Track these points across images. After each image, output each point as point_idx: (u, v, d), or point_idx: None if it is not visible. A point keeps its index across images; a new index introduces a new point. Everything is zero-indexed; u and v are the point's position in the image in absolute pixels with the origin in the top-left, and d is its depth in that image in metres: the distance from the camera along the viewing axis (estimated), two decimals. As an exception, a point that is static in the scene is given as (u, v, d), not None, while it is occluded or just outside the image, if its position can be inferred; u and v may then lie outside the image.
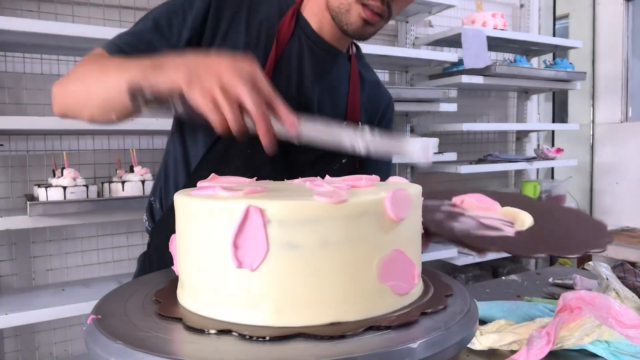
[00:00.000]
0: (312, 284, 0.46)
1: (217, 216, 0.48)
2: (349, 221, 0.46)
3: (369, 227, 0.48)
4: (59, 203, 1.62)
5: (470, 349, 0.79)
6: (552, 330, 0.72)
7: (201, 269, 0.50)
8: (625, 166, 3.26)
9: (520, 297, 1.08)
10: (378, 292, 0.49)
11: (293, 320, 0.46)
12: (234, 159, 0.87)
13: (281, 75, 0.91)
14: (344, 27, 0.88)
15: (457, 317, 0.48)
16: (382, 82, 1.11)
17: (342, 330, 0.45)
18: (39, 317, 1.67)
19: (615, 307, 0.70)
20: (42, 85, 1.96)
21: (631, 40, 3.31)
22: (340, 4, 0.86)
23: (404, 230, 0.51)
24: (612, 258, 2.58)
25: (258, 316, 0.46)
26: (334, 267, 0.46)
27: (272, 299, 0.46)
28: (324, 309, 0.47)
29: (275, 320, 0.46)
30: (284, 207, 0.46)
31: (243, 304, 0.47)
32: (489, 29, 2.61)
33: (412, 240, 0.53)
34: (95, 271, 2.10)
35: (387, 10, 0.85)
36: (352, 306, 0.47)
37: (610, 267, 0.93)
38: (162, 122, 1.84)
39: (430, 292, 0.56)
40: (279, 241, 0.45)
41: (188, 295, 0.52)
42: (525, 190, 2.99)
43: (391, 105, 1.10)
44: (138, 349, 0.42)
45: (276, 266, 0.46)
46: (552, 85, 2.95)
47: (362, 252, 0.47)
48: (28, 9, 1.92)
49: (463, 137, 3.08)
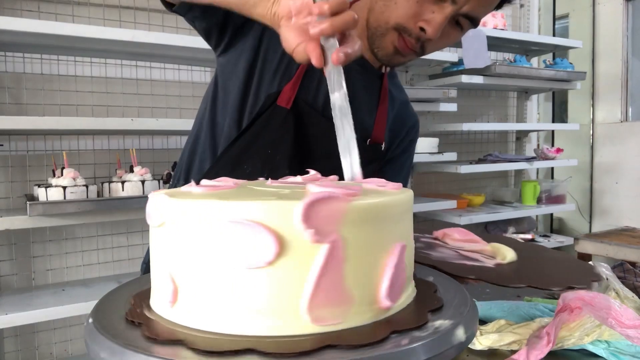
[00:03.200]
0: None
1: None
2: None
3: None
4: (58, 203, 1.63)
5: (470, 349, 0.79)
6: (552, 330, 0.72)
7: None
8: (625, 166, 3.26)
9: (520, 297, 1.08)
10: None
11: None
12: (253, 157, 0.86)
13: (311, 84, 0.90)
14: (375, 50, 0.87)
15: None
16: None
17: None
18: (39, 317, 1.67)
19: (615, 307, 0.70)
20: (42, 85, 1.97)
21: (631, 40, 3.31)
22: (378, 26, 0.85)
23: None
24: (612, 258, 2.58)
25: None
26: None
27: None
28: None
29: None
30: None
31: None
32: (489, 29, 2.61)
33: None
34: (95, 271, 2.10)
35: (420, 48, 0.84)
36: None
37: (610, 267, 0.93)
38: (162, 123, 1.84)
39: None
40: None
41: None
42: (525, 190, 2.99)
43: (416, 127, 1.10)
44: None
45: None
46: (552, 85, 2.95)
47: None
48: (28, 9, 1.92)
49: (463, 137, 3.08)
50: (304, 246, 0.43)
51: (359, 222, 0.45)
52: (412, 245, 0.54)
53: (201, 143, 0.96)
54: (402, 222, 0.50)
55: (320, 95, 0.91)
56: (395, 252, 0.48)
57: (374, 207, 0.47)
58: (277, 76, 0.89)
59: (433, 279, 0.61)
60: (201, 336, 0.43)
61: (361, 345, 0.41)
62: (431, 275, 0.63)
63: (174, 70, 2.20)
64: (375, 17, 0.85)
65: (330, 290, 0.44)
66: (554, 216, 3.51)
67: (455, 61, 2.58)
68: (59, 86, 1.99)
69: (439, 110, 2.48)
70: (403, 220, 0.50)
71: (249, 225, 0.43)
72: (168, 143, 2.22)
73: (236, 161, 0.86)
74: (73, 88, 2.02)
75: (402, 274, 0.49)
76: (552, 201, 3.07)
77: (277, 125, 0.87)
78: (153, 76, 2.17)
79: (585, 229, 3.45)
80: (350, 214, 0.44)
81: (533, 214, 3.09)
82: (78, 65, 2.03)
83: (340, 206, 0.44)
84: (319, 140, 0.89)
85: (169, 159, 2.18)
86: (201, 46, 1.70)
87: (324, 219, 0.43)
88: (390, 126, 1.01)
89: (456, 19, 0.82)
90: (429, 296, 0.53)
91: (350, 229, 0.44)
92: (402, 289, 0.50)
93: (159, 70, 2.18)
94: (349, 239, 0.44)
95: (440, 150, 2.53)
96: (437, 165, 2.64)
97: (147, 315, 0.49)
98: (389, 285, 0.47)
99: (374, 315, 0.46)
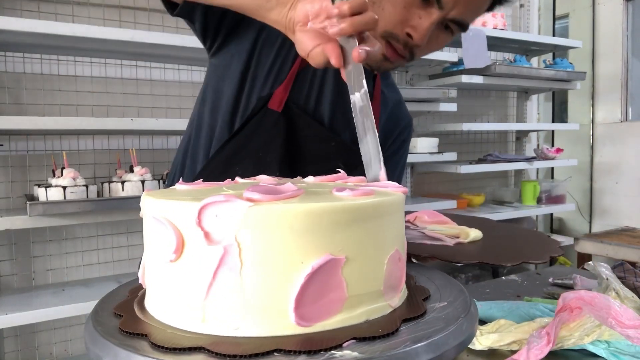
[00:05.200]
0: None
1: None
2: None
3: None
4: (58, 203, 1.63)
5: (470, 349, 0.79)
6: (552, 330, 0.72)
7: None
8: (625, 166, 3.26)
9: (520, 297, 1.08)
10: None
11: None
12: (245, 158, 0.87)
13: (302, 87, 0.90)
14: None
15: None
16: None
17: (384, 326, 0.44)
18: (39, 317, 1.67)
19: (615, 307, 0.70)
20: (42, 85, 1.97)
21: (631, 40, 3.31)
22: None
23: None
24: (612, 258, 2.58)
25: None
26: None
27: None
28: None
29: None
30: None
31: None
32: (488, 29, 2.61)
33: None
34: (95, 271, 2.10)
35: (409, 54, 0.84)
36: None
37: (610, 267, 0.93)
38: (162, 123, 1.84)
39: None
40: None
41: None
42: (525, 190, 2.99)
43: (409, 127, 1.09)
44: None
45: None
46: (552, 85, 2.95)
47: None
48: (28, 9, 1.92)
49: (463, 137, 3.08)
50: (200, 247, 0.44)
51: (263, 228, 0.42)
52: (367, 262, 0.46)
53: (194, 144, 0.96)
54: (333, 233, 0.44)
55: (311, 99, 0.92)
56: (313, 265, 0.43)
57: (284, 214, 0.42)
58: (269, 79, 0.89)
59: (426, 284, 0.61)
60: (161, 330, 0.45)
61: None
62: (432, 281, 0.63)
63: (174, 70, 2.20)
64: None
65: (227, 296, 0.43)
66: (554, 216, 3.51)
67: (455, 61, 2.58)
68: (59, 86, 1.99)
69: (439, 110, 2.49)
70: (335, 231, 0.44)
71: (161, 222, 0.45)
72: (168, 143, 2.22)
73: (228, 163, 0.87)
74: (73, 88, 2.02)
75: (330, 292, 0.44)
76: (552, 201, 3.08)
77: (268, 128, 0.87)
78: (153, 76, 2.17)
79: (585, 229, 3.45)
80: (249, 219, 0.42)
81: (533, 214, 3.09)
82: (78, 65, 2.03)
83: (237, 211, 0.42)
84: (309, 143, 0.90)
85: (169, 159, 2.18)
86: (201, 46, 1.70)
87: (219, 222, 0.43)
88: (382, 126, 1.02)
89: (445, 24, 0.82)
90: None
91: (249, 235, 0.42)
92: (333, 309, 0.44)
93: (159, 70, 2.18)
94: (247, 245, 0.43)
95: (440, 150, 2.53)
96: (437, 165, 2.64)
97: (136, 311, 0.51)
98: (295, 304, 0.43)
99: (280, 329, 0.43)
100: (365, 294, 0.46)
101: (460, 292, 0.56)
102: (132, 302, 0.53)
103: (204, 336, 0.43)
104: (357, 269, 0.45)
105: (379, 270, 0.47)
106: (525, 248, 0.83)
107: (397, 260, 0.50)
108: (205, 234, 0.43)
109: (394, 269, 0.49)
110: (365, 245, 0.46)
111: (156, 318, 0.48)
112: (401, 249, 0.51)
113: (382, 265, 0.47)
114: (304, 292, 0.43)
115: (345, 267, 0.44)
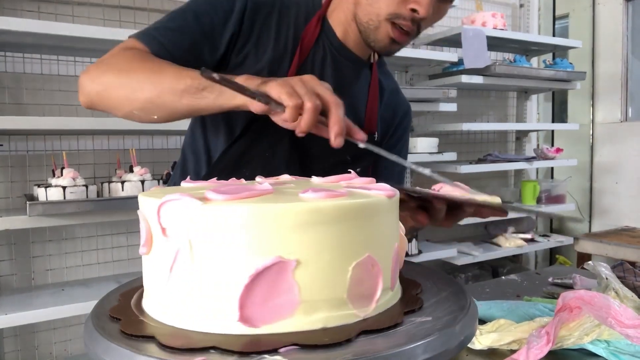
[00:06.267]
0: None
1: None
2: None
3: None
4: (58, 203, 1.63)
5: (470, 349, 0.79)
6: (551, 330, 0.72)
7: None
8: (625, 166, 3.26)
9: (520, 296, 1.08)
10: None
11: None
12: (253, 159, 0.87)
13: None
14: (371, 44, 0.88)
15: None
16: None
17: (338, 336, 0.43)
18: (38, 317, 1.67)
19: (614, 306, 0.70)
20: (42, 85, 1.96)
21: (631, 40, 3.30)
22: (369, 20, 0.85)
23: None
24: (612, 258, 2.58)
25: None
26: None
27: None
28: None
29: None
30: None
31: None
32: (488, 29, 2.61)
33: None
34: (95, 271, 2.10)
35: (415, 29, 0.85)
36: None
37: (610, 267, 0.93)
38: (162, 123, 1.83)
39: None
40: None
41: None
42: (525, 190, 2.99)
43: (409, 114, 1.10)
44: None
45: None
46: (551, 85, 2.95)
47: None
48: (28, 9, 1.92)
49: (463, 137, 3.08)
50: (161, 242, 0.47)
51: (214, 227, 0.43)
52: (324, 266, 0.44)
53: (195, 143, 0.96)
54: (284, 235, 0.43)
55: None
56: (257, 267, 0.42)
57: (233, 214, 0.43)
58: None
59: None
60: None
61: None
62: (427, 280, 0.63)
63: (174, 70, 2.20)
64: (364, 10, 0.86)
65: (180, 290, 0.45)
66: (554, 216, 3.51)
67: (455, 61, 2.58)
68: (59, 86, 1.99)
69: (439, 110, 2.48)
70: (286, 233, 0.43)
71: (141, 216, 0.49)
72: (168, 143, 2.22)
73: (235, 165, 0.87)
74: (73, 88, 2.02)
75: (280, 295, 0.43)
76: (552, 201, 3.07)
77: (274, 128, 0.87)
78: (153, 76, 2.17)
79: (585, 229, 3.45)
80: (201, 218, 0.43)
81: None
82: (78, 65, 2.02)
83: (190, 209, 0.44)
84: (316, 142, 0.90)
85: (169, 159, 2.18)
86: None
87: (174, 219, 0.45)
88: (382, 115, 1.02)
89: None
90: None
91: (200, 233, 0.44)
92: (283, 313, 0.44)
93: (158, 70, 2.17)
94: (197, 242, 0.44)
95: (440, 150, 2.53)
96: (437, 165, 2.64)
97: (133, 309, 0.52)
98: (240, 304, 0.43)
99: (226, 327, 0.44)
100: (323, 300, 0.44)
101: (459, 292, 0.56)
102: (131, 296, 0.55)
103: (163, 326, 0.46)
104: (312, 273, 0.44)
105: (341, 277, 0.45)
106: None
107: (368, 267, 0.47)
108: (163, 230, 0.46)
109: (365, 276, 0.47)
110: (322, 249, 0.44)
111: (136, 308, 0.52)
112: (379, 255, 0.48)
113: (346, 272, 0.45)
114: (249, 293, 0.42)
115: (297, 271, 0.43)
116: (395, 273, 0.52)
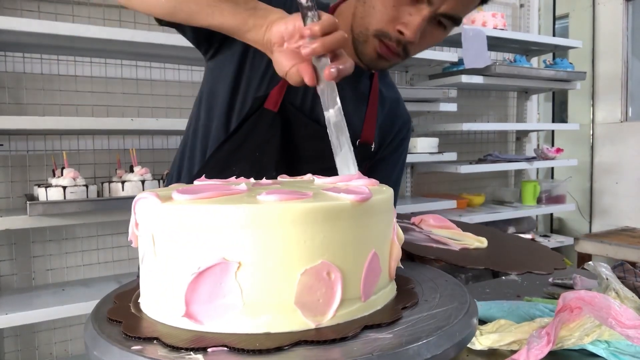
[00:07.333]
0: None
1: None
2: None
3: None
4: (58, 203, 1.63)
5: (470, 349, 0.79)
6: (552, 330, 0.72)
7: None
8: (625, 166, 3.26)
9: (520, 297, 1.08)
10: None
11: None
12: (241, 160, 0.87)
13: (298, 87, 0.90)
14: (359, 56, 0.88)
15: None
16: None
17: (278, 342, 0.42)
18: (39, 317, 1.67)
19: (615, 307, 0.70)
20: (42, 85, 1.96)
21: (631, 40, 3.31)
22: (359, 32, 0.85)
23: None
24: (612, 258, 2.58)
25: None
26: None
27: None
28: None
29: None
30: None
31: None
32: (489, 29, 2.61)
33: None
34: (95, 271, 2.10)
35: (402, 51, 0.84)
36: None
37: (610, 267, 0.93)
38: (162, 123, 1.84)
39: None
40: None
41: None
42: (525, 190, 2.99)
43: (408, 125, 1.09)
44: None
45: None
46: (552, 85, 2.95)
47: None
48: (28, 9, 1.92)
49: (463, 137, 3.08)
50: (139, 236, 0.52)
51: (172, 225, 0.46)
52: (268, 270, 0.44)
53: (191, 144, 0.97)
54: (229, 236, 0.43)
55: (307, 99, 0.92)
56: (200, 266, 0.44)
57: (188, 213, 0.45)
58: (264, 80, 0.90)
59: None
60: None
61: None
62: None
63: (174, 70, 2.20)
64: (357, 22, 0.86)
65: (146, 280, 0.51)
66: (554, 216, 3.51)
67: (455, 61, 2.58)
68: (59, 86, 1.99)
69: (439, 110, 2.48)
70: (231, 234, 0.43)
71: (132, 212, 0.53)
72: (168, 143, 2.22)
73: (224, 164, 0.87)
74: (73, 88, 2.02)
75: (224, 295, 0.44)
76: (552, 201, 3.07)
77: (264, 128, 0.87)
78: (153, 76, 2.17)
79: (585, 229, 3.45)
80: (161, 216, 0.47)
81: (533, 214, 3.09)
82: (78, 65, 2.03)
83: (153, 208, 0.48)
84: (305, 143, 0.90)
85: (169, 159, 2.18)
86: (201, 46, 1.70)
87: (143, 216, 0.49)
88: (380, 125, 1.01)
89: (437, 19, 0.82)
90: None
91: (157, 230, 0.48)
92: (228, 313, 0.44)
93: (159, 70, 2.18)
94: (158, 238, 0.48)
95: (440, 150, 2.53)
96: (437, 165, 2.64)
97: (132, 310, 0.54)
98: (185, 300, 0.44)
99: (174, 321, 0.46)
100: (267, 304, 0.44)
101: (460, 292, 0.56)
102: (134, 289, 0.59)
103: (131, 315, 0.50)
104: (255, 276, 0.43)
105: (288, 282, 0.44)
106: (530, 258, 0.83)
107: (322, 274, 0.45)
108: (136, 224, 0.51)
109: (317, 284, 0.44)
110: (267, 253, 0.43)
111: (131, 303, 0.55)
112: (339, 262, 0.45)
113: (294, 278, 0.44)
114: (193, 291, 0.44)
115: (240, 273, 0.43)
116: (368, 284, 0.48)
